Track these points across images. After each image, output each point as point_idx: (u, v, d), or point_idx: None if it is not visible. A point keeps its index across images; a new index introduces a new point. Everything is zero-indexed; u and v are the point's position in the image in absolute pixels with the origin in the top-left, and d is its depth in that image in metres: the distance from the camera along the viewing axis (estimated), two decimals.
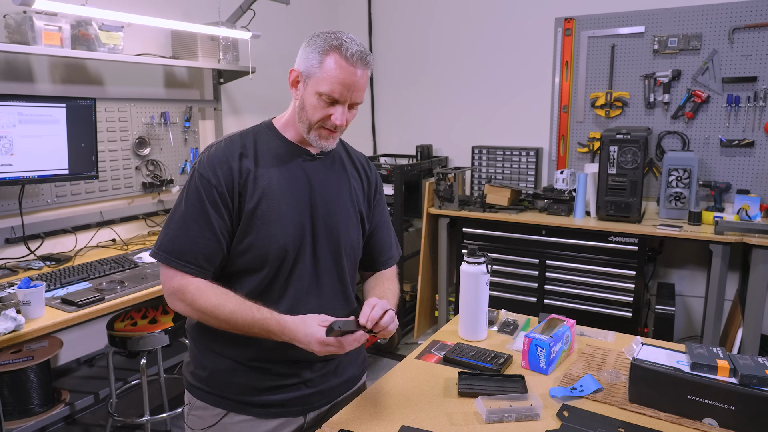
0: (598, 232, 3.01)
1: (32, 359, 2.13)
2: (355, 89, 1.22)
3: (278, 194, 1.24)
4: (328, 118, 1.23)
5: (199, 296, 1.19)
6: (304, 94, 1.24)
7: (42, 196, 2.46)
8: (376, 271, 1.50)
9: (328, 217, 1.31)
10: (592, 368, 1.45)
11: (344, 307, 1.36)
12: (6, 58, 2.33)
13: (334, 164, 1.38)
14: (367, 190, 1.43)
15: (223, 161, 1.23)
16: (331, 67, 1.19)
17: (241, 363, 1.27)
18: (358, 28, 4.21)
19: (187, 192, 1.23)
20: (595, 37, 3.41)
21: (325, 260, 1.31)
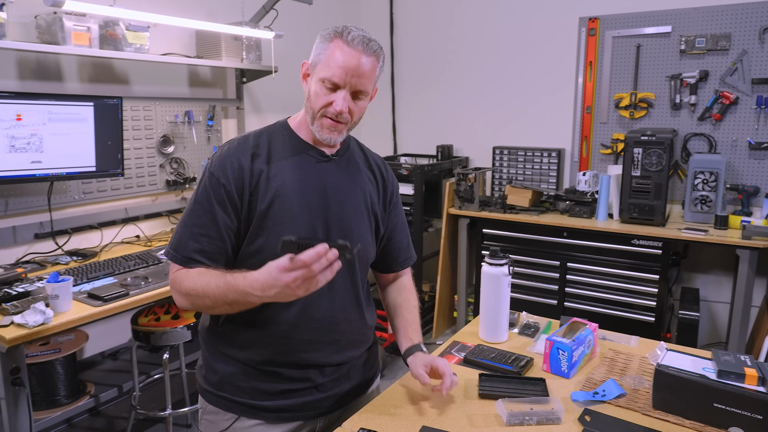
0: (621, 234, 2.97)
1: (59, 352, 2.18)
2: (357, 74, 1.18)
3: (291, 195, 1.22)
4: (329, 105, 1.20)
5: (185, 278, 1.19)
6: (310, 84, 1.23)
7: (69, 192, 2.52)
8: (392, 272, 1.49)
9: (341, 220, 1.28)
10: (614, 373, 1.43)
11: (356, 311, 1.34)
12: (37, 57, 2.39)
13: (349, 166, 1.35)
14: (382, 192, 1.40)
15: (234, 160, 1.21)
16: (333, 52, 1.18)
17: (251, 367, 1.26)
18: (380, 28, 4.22)
19: (198, 191, 1.23)
20: (620, 36, 3.36)
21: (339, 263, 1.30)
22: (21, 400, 1.75)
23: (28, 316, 1.72)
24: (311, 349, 1.26)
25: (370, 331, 1.42)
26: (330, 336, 1.28)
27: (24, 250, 2.40)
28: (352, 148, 1.39)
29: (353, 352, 1.35)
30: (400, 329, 1.43)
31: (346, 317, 1.31)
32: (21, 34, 2.29)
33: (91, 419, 2.57)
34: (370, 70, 1.21)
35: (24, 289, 1.93)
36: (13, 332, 1.68)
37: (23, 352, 1.75)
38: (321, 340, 1.27)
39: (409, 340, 1.39)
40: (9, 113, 2.07)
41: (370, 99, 1.28)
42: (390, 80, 4.24)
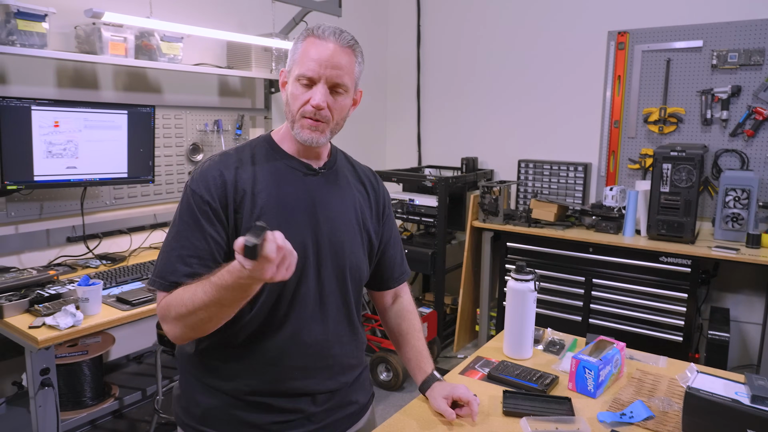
0: (649, 251, 2.92)
1: (86, 354, 2.22)
2: (331, 65, 1.12)
3: (278, 212, 1.15)
4: (307, 103, 1.13)
5: (172, 301, 1.08)
6: (288, 88, 1.18)
7: (101, 197, 2.58)
8: (387, 288, 1.43)
9: (332, 237, 1.21)
10: (642, 394, 1.41)
11: (349, 332, 1.27)
12: (75, 66, 2.46)
13: (338, 179, 1.28)
14: (374, 205, 1.34)
15: (216, 176, 1.14)
16: (305, 48, 1.14)
17: (238, 399, 1.17)
18: (407, 40, 4.25)
19: (180, 210, 1.15)
20: (650, 51, 3.33)
21: (330, 283, 1.21)
22: (49, 400, 1.79)
23: (59, 318, 1.77)
24: (303, 376, 1.19)
25: (362, 354, 1.35)
26: (322, 361, 1.21)
27: (56, 253, 2.46)
28: (340, 160, 1.32)
29: (346, 378, 1.27)
30: (411, 360, 1.39)
31: (339, 340, 1.24)
32: (61, 44, 2.36)
33: (114, 421, 2.61)
34: (347, 62, 1.15)
35: (56, 291, 1.98)
36: (45, 333, 1.72)
37: (53, 353, 1.79)
38: (313, 366, 1.20)
39: (423, 372, 1.37)
40: (48, 120, 2.14)
41: (354, 103, 1.23)
42: (416, 91, 4.25)
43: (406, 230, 3.85)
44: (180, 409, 1.25)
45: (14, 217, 2.28)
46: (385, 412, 2.97)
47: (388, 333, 1.47)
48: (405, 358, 1.41)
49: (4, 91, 2.25)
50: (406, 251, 3.45)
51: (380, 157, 4.45)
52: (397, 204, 3.65)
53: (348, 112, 1.22)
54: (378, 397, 3.12)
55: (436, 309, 3.50)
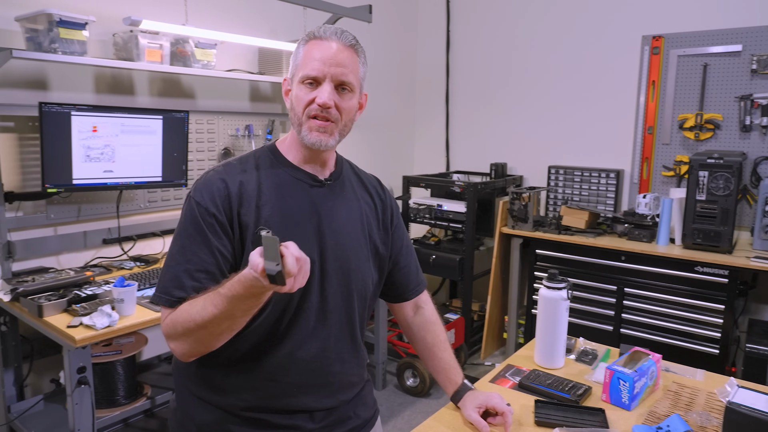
0: (684, 261, 2.84)
1: (120, 353, 2.27)
2: (335, 63, 1.11)
3: (283, 225, 1.12)
4: (313, 102, 1.11)
5: (177, 317, 1.05)
6: (292, 94, 1.16)
7: (136, 200, 2.64)
8: (405, 300, 1.40)
9: (338, 251, 1.18)
10: (679, 408, 1.37)
11: (351, 350, 1.24)
12: (112, 72, 2.53)
13: (343, 190, 1.24)
14: (381, 215, 1.30)
15: (221, 187, 1.11)
16: (308, 51, 1.13)
17: (233, 414, 1.14)
18: (436, 45, 4.24)
19: (184, 222, 1.11)
20: (686, 56, 3.25)
21: (334, 299, 1.18)
22: (85, 398, 1.83)
23: (95, 318, 1.81)
24: (300, 393, 1.16)
25: (363, 370, 1.32)
26: (322, 378, 1.18)
27: (92, 254, 2.52)
28: (346, 171, 1.29)
29: (346, 395, 1.24)
30: (440, 373, 1.37)
31: (339, 356, 1.21)
32: (99, 51, 2.43)
33: (145, 420, 2.66)
34: (351, 61, 1.13)
35: (92, 291, 2.03)
36: (82, 333, 1.77)
37: (90, 352, 1.83)
38: (312, 383, 1.17)
39: (453, 384, 1.35)
40: (86, 125, 2.20)
41: (360, 107, 1.21)
42: (445, 96, 4.24)
43: (434, 236, 3.83)
44: (175, 422, 1.22)
45: (54, 219, 2.35)
46: (412, 418, 2.96)
47: (413, 346, 1.45)
48: (433, 371, 1.40)
49: (45, 97, 2.32)
50: (433, 257, 3.50)
51: (408, 162, 4.45)
52: (425, 209, 3.65)
53: (355, 115, 1.19)
54: (405, 403, 3.12)
55: (463, 315, 3.48)
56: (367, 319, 1.32)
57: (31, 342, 2.26)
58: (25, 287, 1.99)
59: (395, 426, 2.89)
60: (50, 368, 2.42)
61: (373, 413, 1.35)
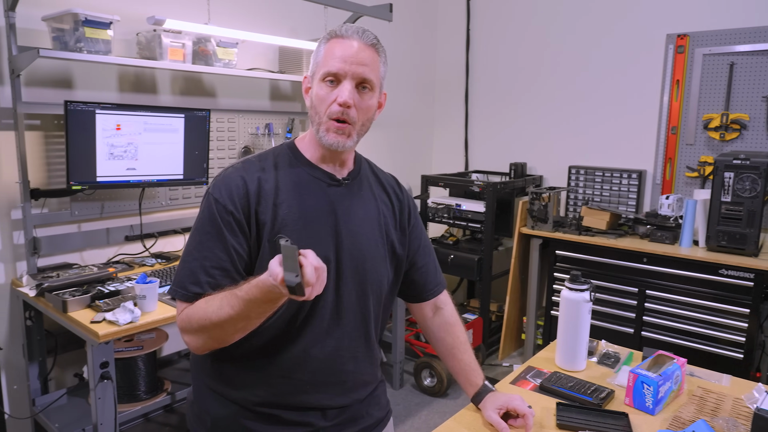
0: (708, 263, 2.79)
1: (142, 349, 2.30)
2: (356, 62, 1.11)
3: (299, 225, 1.12)
4: (334, 102, 1.11)
5: (193, 313, 1.07)
6: (312, 92, 1.16)
7: (158, 198, 2.66)
8: (423, 300, 1.39)
9: (354, 251, 1.18)
10: (704, 413, 1.34)
11: (364, 349, 1.24)
12: (136, 71, 2.56)
13: (361, 190, 1.24)
14: (399, 215, 1.30)
15: (240, 184, 1.11)
16: (329, 49, 1.13)
17: (247, 408, 1.15)
18: (456, 44, 4.22)
19: (202, 219, 1.12)
20: (711, 54, 3.19)
21: (349, 299, 1.18)
22: (108, 393, 1.85)
23: (118, 314, 1.83)
24: (313, 390, 1.16)
25: (377, 370, 1.32)
26: (335, 377, 1.19)
27: (115, 251, 2.56)
28: (364, 170, 1.29)
29: (359, 394, 1.24)
30: (459, 374, 1.37)
31: (353, 355, 1.21)
32: (123, 50, 2.46)
33: (165, 415, 2.69)
34: (372, 59, 1.13)
35: (115, 288, 2.06)
36: (105, 328, 1.79)
37: (113, 347, 1.85)
38: (324, 381, 1.17)
39: (473, 385, 1.34)
40: (110, 123, 2.23)
41: (380, 106, 1.20)
42: (464, 95, 4.22)
43: (452, 235, 3.82)
44: (192, 416, 1.24)
45: (78, 216, 2.39)
46: (429, 418, 2.95)
47: (433, 347, 1.44)
48: (454, 373, 1.39)
49: (70, 95, 2.36)
50: (451, 256, 3.49)
51: (427, 161, 4.44)
52: (444, 209, 3.63)
53: (374, 115, 1.19)
54: (422, 403, 3.11)
55: (481, 316, 3.46)
56: (385, 319, 1.32)
57: (55, 336, 2.29)
58: (49, 283, 2.02)
59: (412, 426, 2.88)
60: (74, 362, 2.46)
61: (385, 413, 1.35)
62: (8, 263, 2.25)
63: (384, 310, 1.30)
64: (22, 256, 2.26)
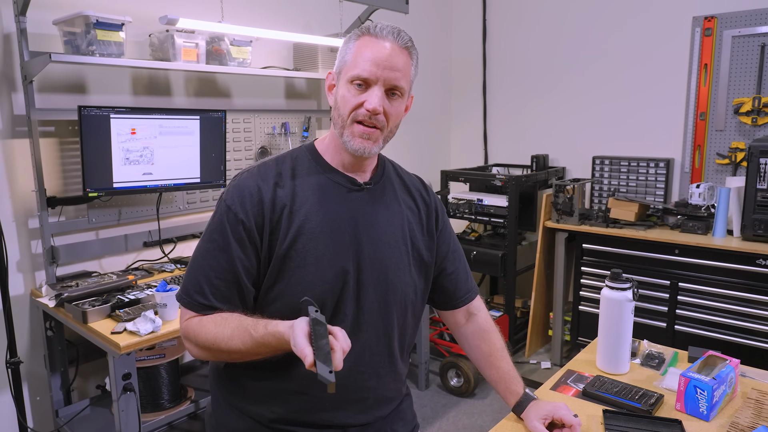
0: (744, 254, 2.68)
1: (164, 357, 2.25)
2: (388, 67, 1.04)
3: (317, 233, 1.06)
4: (360, 106, 1.04)
5: (200, 330, 1.05)
6: (337, 93, 1.08)
7: (175, 202, 2.62)
8: (454, 308, 1.32)
9: (375, 260, 1.11)
10: (763, 418, 1.25)
11: (388, 364, 1.17)
12: (149, 74, 2.51)
13: (384, 195, 1.17)
14: (426, 221, 1.23)
15: (254, 192, 1.06)
16: (360, 49, 1.05)
17: (263, 425, 1.12)
18: (473, 35, 4.12)
19: (212, 225, 1.08)
20: (741, 36, 3.06)
21: (370, 312, 1.12)
22: (131, 405, 1.81)
23: (139, 324, 1.79)
24: (333, 408, 1.11)
25: (402, 386, 1.26)
26: (356, 394, 1.13)
27: (133, 257, 2.52)
28: (388, 172, 1.21)
29: (382, 411, 1.18)
30: (498, 383, 1.29)
31: (375, 371, 1.14)
32: (136, 52, 2.41)
33: (189, 422, 2.65)
34: (404, 64, 1.06)
35: (135, 296, 2.01)
36: (126, 339, 1.75)
37: (134, 358, 1.81)
38: (345, 399, 1.11)
39: (514, 394, 1.26)
40: (125, 127, 2.18)
41: (406, 109, 1.13)
42: (482, 88, 4.12)
43: (474, 231, 3.73)
44: (210, 428, 1.22)
45: (95, 223, 2.35)
46: (457, 419, 2.88)
47: (468, 354, 1.36)
48: (491, 381, 1.31)
49: (83, 100, 2.31)
50: (474, 252, 3.40)
51: (445, 156, 4.35)
52: (465, 204, 3.55)
53: (401, 120, 1.13)
54: (449, 404, 3.04)
55: (506, 312, 3.38)
56: (414, 331, 1.24)
57: (76, 346, 2.26)
58: (69, 293, 1.98)
59: (440, 428, 2.81)
60: (96, 372, 2.43)
61: (411, 428, 1.29)
62: (27, 273, 2.22)
63: (413, 321, 1.23)
64: (41, 265, 2.23)
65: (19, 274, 2.20)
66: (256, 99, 2.96)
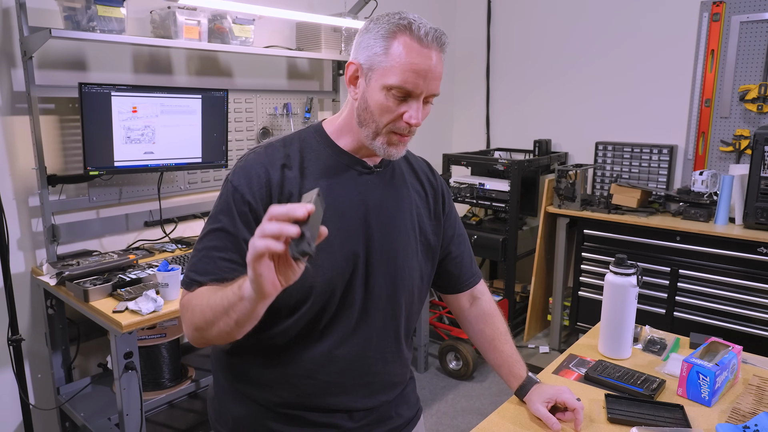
0: (745, 241, 2.68)
1: (165, 336, 2.26)
2: (432, 77, 0.99)
3: (327, 216, 1.03)
4: (399, 118, 1.00)
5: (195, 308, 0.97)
6: (367, 92, 1.01)
7: (176, 182, 2.60)
8: (459, 292, 1.32)
9: (385, 244, 1.10)
10: (765, 404, 1.26)
11: (394, 348, 1.16)
12: (150, 51, 2.47)
13: (393, 178, 1.15)
14: (433, 204, 1.22)
15: (261, 173, 1.03)
16: (401, 53, 0.97)
17: (269, 409, 1.10)
18: (477, 18, 4.07)
19: (218, 206, 1.05)
20: (749, 21, 3.03)
21: (379, 295, 1.10)
22: (133, 383, 1.82)
23: (141, 304, 1.79)
24: (339, 392, 1.10)
25: (407, 370, 1.25)
26: (362, 378, 1.12)
27: (134, 237, 2.51)
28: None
29: (387, 396, 1.18)
30: (502, 366, 1.29)
31: (381, 356, 1.14)
32: (137, 29, 2.38)
33: (190, 401, 2.67)
34: (442, 69, 1.03)
35: (136, 275, 2.01)
36: (128, 318, 1.75)
37: (136, 337, 1.81)
38: (351, 383, 1.11)
39: (517, 377, 1.26)
40: (126, 106, 2.15)
41: None
42: (485, 71, 4.08)
43: (475, 215, 3.73)
44: (213, 412, 1.20)
45: (96, 202, 2.33)
46: (455, 402, 2.90)
47: (471, 338, 1.36)
48: (495, 365, 1.31)
49: (84, 77, 2.28)
50: (475, 237, 3.40)
51: (447, 139, 4.33)
52: (467, 188, 3.53)
53: None
54: (447, 386, 3.06)
55: (506, 297, 3.39)
56: (417, 315, 1.24)
57: (77, 324, 2.26)
58: (70, 271, 1.98)
59: (439, 410, 2.83)
60: (97, 350, 2.44)
61: (415, 412, 1.29)
62: (27, 251, 2.21)
63: (418, 305, 1.22)
64: (41, 243, 2.22)
65: (20, 252, 2.19)
66: (258, 79, 2.93)
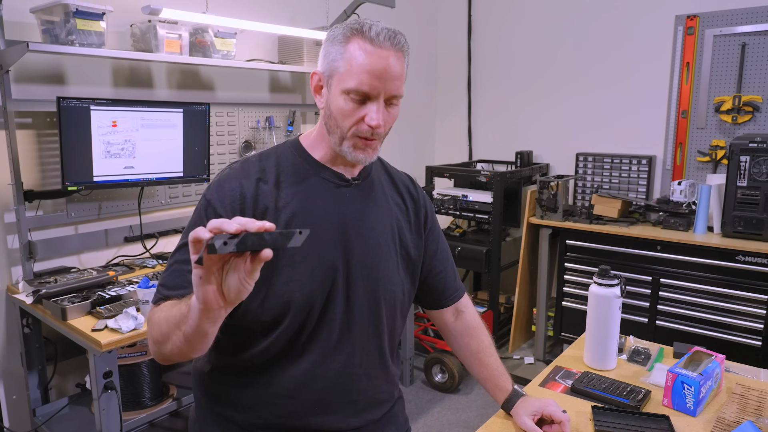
0: (724, 250, 2.72)
1: (145, 354, 2.21)
2: (388, 77, 0.98)
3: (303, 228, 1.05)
4: (361, 121, 1.00)
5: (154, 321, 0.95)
6: (330, 98, 1.01)
7: (157, 197, 2.57)
8: (442, 307, 1.31)
9: (365, 258, 1.08)
10: (748, 413, 1.27)
11: (379, 364, 1.15)
12: (130, 65, 2.45)
13: (372, 191, 1.14)
14: (414, 218, 1.20)
15: (235, 187, 1.02)
16: (355, 55, 0.97)
17: (249, 431, 1.09)
18: (458, 30, 4.12)
19: (191, 220, 1.05)
20: (722, 35, 3.11)
21: (360, 310, 1.08)
22: (112, 403, 1.77)
23: (121, 321, 1.75)
24: (322, 411, 1.08)
25: (393, 388, 1.23)
26: (346, 396, 1.10)
27: (114, 253, 2.46)
28: (375, 168, 1.18)
29: (373, 414, 1.16)
30: (487, 380, 1.28)
31: (365, 372, 1.12)
32: (117, 43, 2.35)
33: (171, 420, 2.60)
34: (401, 69, 1.01)
35: (116, 292, 1.97)
36: (107, 337, 1.71)
37: (116, 356, 1.77)
38: (335, 402, 1.09)
39: (503, 390, 1.26)
40: (106, 120, 2.12)
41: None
42: (467, 84, 4.12)
43: (458, 227, 3.74)
44: None
45: (74, 217, 2.29)
46: (441, 415, 2.88)
47: (456, 353, 1.35)
48: (480, 378, 1.31)
49: (62, 91, 2.25)
50: (459, 248, 3.40)
51: (429, 152, 4.34)
52: (450, 200, 3.55)
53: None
54: (433, 399, 3.04)
55: (490, 308, 3.39)
56: (400, 330, 1.22)
57: (54, 344, 2.21)
58: (47, 289, 1.93)
59: (425, 423, 2.81)
60: (75, 370, 2.38)
61: (404, 430, 1.27)
62: (3, 269, 2.16)
63: (400, 318, 1.20)
64: (17, 260, 2.17)
65: None
66: (240, 92, 2.91)
